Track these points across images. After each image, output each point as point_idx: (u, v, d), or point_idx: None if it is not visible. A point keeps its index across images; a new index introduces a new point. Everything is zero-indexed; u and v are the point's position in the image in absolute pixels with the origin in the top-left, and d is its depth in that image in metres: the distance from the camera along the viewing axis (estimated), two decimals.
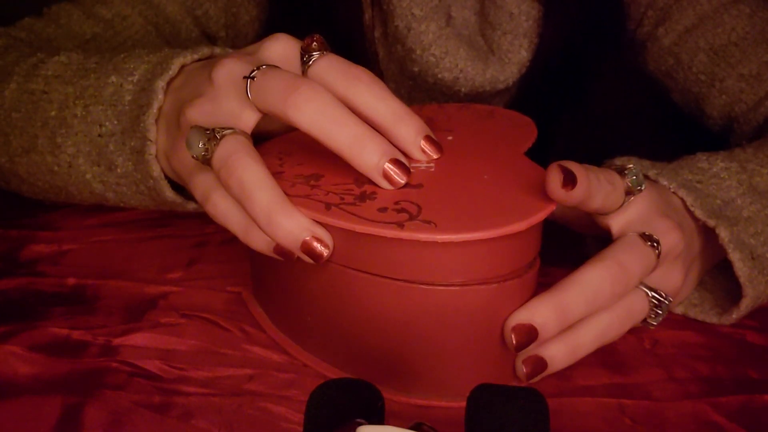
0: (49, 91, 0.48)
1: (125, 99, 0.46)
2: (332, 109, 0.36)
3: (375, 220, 0.34)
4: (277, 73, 0.37)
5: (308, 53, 0.39)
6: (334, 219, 0.34)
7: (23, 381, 0.37)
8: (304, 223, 0.35)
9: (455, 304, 0.35)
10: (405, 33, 0.58)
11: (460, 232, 0.33)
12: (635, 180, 0.38)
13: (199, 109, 0.39)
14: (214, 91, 0.39)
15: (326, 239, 0.35)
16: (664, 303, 0.39)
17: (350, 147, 0.36)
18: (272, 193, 0.35)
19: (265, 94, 0.37)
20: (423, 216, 0.34)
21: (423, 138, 0.38)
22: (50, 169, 0.49)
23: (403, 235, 0.33)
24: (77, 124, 0.47)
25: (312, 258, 0.35)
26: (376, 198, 0.35)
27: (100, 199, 0.50)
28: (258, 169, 0.36)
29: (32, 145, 0.48)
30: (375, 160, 0.36)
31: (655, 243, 0.38)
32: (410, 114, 0.38)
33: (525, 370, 0.36)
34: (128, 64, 0.47)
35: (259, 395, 0.37)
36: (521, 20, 0.59)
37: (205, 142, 0.37)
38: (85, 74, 0.48)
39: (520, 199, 0.35)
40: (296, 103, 0.36)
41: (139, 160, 0.45)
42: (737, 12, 0.58)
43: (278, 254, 0.37)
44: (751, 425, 0.36)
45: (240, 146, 0.36)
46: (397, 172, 0.36)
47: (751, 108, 0.57)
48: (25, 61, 0.51)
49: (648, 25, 0.63)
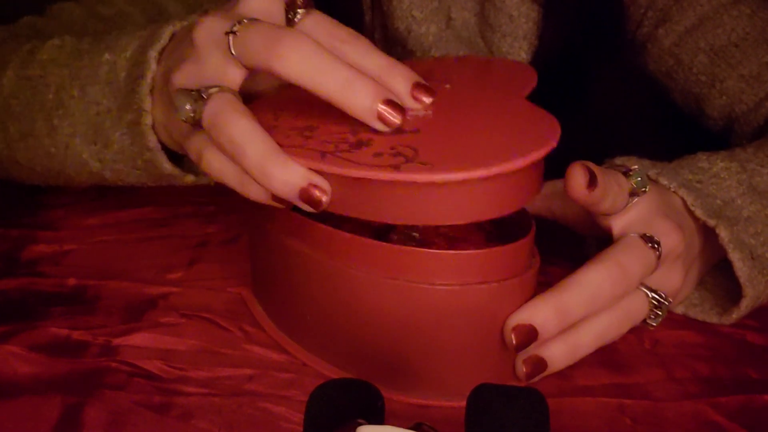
0: (46, 75, 0.48)
1: (120, 75, 0.45)
2: (319, 56, 0.35)
3: (371, 164, 0.33)
4: (259, 26, 0.36)
5: (293, 10, 0.38)
6: (329, 166, 0.33)
7: (23, 381, 0.37)
8: (299, 171, 0.34)
9: (456, 303, 0.35)
10: (405, 35, 0.58)
11: (458, 171, 0.32)
12: (640, 181, 0.39)
13: (184, 71, 0.39)
14: (196, 51, 0.38)
15: (324, 185, 0.34)
16: (663, 303, 0.39)
17: (341, 92, 0.35)
18: (264, 145, 0.34)
19: (248, 49, 0.36)
20: (420, 158, 0.33)
21: (413, 85, 0.37)
22: (47, 151, 0.48)
23: (399, 176, 0.32)
24: (74, 105, 0.47)
25: (311, 205, 0.34)
26: (372, 144, 0.34)
27: (98, 179, 0.50)
28: (247, 122, 0.35)
29: (30, 129, 0.48)
30: (368, 102, 0.35)
31: (655, 244, 0.38)
32: (398, 65, 0.38)
33: (525, 370, 0.36)
34: (121, 41, 0.47)
35: (259, 395, 0.37)
36: (521, 22, 0.59)
37: (191, 103, 0.36)
38: (79, 55, 0.48)
39: (519, 138, 0.34)
40: (281, 54, 0.35)
41: (136, 132, 0.44)
42: (737, 13, 0.58)
43: (277, 201, 0.36)
44: (751, 425, 0.36)
45: (227, 103, 0.36)
46: (391, 113, 0.35)
47: (751, 108, 0.57)
48: (20, 48, 0.51)
49: (648, 26, 0.62)
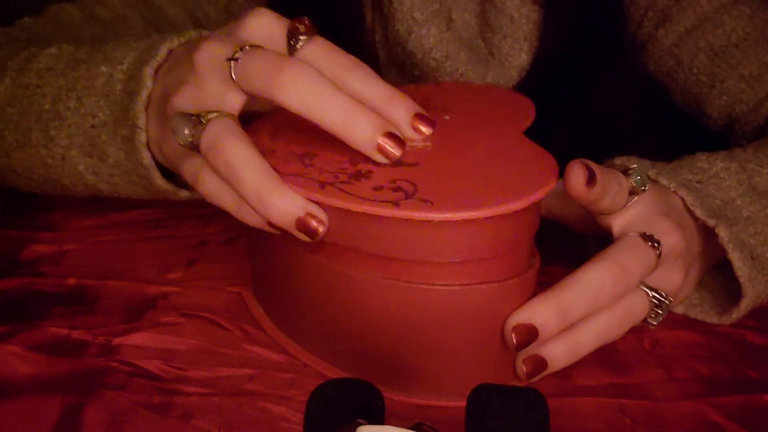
0: (42, 84, 0.48)
1: (116, 88, 0.45)
2: (320, 87, 0.35)
3: (370, 199, 0.33)
4: (261, 54, 0.36)
5: (295, 37, 0.38)
6: (328, 198, 0.33)
7: (23, 381, 0.37)
8: (296, 200, 0.34)
9: (455, 303, 0.35)
10: (406, 37, 0.58)
11: (458, 210, 0.32)
12: (639, 180, 0.39)
13: (184, 95, 0.39)
14: (197, 76, 0.38)
15: (321, 216, 0.34)
16: (664, 303, 0.39)
17: (342, 124, 0.35)
18: (261, 172, 0.34)
19: (250, 76, 0.36)
20: (419, 195, 0.33)
21: (414, 116, 0.38)
22: (44, 162, 0.48)
23: (399, 213, 0.32)
24: (70, 116, 0.47)
25: (308, 235, 0.34)
26: (371, 176, 0.35)
27: (94, 191, 0.50)
28: (245, 148, 0.35)
29: (26, 139, 0.48)
30: (368, 134, 0.35)
31: (655, 243, 0.38)
32: (399, 95, 0.38)
33: (525, 370, 0.36)
34: (117, 53, 0.46)
35: (259, 395, 0.37)
36: (521, 23, 0.59)
37: (190, 128, 0.36)
38: (75, 65, 0.48)
39: (518, 177, 0.35)
40: (283, 84, 0.35)
41: (130, 148, 0.44)
42: (737, 13, 0.58)
43: (273, 228, 0.36)
44: (751, 425, 0.36)
45: (226, 128, 0.36)
46: (392, 146, 0.35)
47: (751, 109, 0.57)
48: (17, 55, 0.51)
49: (648, 26, 0.63)
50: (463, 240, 0.34)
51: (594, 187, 0.35)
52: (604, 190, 0.36)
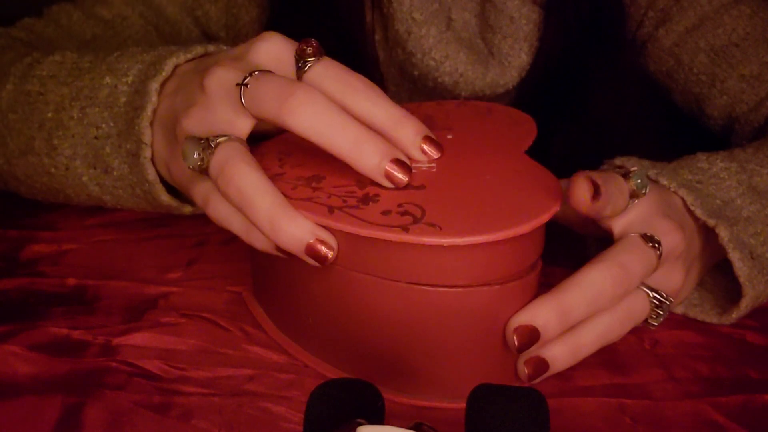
0: (45, 92, 0.48)
1: (120, 101, 0.45)
2: (329, 113, 0.36)
3: (379, 224, 0.34)
4: (270, 79, 0.37)
5: (303, 59, 0.38)
6: (337, 223, 0.34)
7: (23, 381, 0.37)
8: (307, 226, 0.35)
9: (457, 305, 0.35)
10: (405, 37, 0.58)
11: (465, 235, 0.33)
12: (640, 183, 0.39)
13: (194, 118, 0.39)
14: (207, 100, 0.39)
15: (330, 241, 0.35)
16: (665, 303, 0.39)
17: (350, 150, 0.36)
18: (272, 198, 0.35)
19: (259, 101, 0.37)
20: (427, 219, 0.34)
21: (422, 139, 0.38)
22: (47, 171, 0.49)
23: (408, 238, 0.33)
24: (74, 126, 0.47)
25: (317, 261, 0.35)
26: (379, 200, 0.35)
27: (97, 202, 0.50)
28: (255, 175, 0.36)
29: (29, 147, 0.48)
30: (376, 161, 0.36)
31: (656, 244, 0.38)
32: (408, 116, 0.38)
33: (527, 371, 0.36)
34: (122, 64, 0.47)
35: (259, 395, 0.37)
36: (521, 24, 0.59)
37: (200, 152, 0.37)
38: (79, 74, 0.48)
39: (523, 200, 0.35)
40: (292, 109, 0.36)
41: (135, 163, 0.45)
42: (738, 12, 0.58)
43: (282, 253, 0.37)
44: (752, 425, 0.36)
45: (235, 153, 0.36)
46: (398, 171, 0.36)
47: (752, 108, 0.57)
48: (21, 61, 0.51)
49: (648, 26, 0.63)
50: (470, 263, 0.34)
51: (599, 199, 0.35)
52: (608, 200, 0.36)
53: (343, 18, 0.60)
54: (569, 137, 0.60)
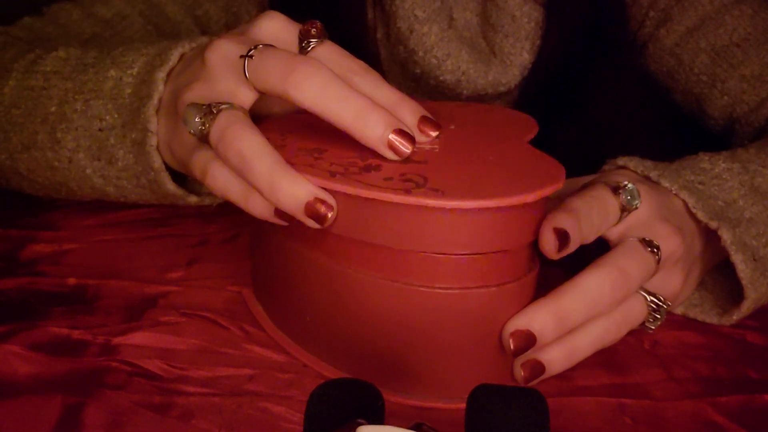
0: (48, 87, 0.48)
1: (125, 92, 0.45)
2: (333, 86, 0.36)
3: (381, 186, 0.33)
4: (275, 52, 0.37)
5: (307, 39, 0.39)
6: (339, 185, 0.34)
7: (23, 381, 0.37)
8: (306, 186, 0.34)
9: (455, 307, 0.35)
10: (407, 35, 0.58)
11: (469, 198, 0.32)
12: (629, 200, 0.38)
13: (195, 91, 0.39)
14: (209, 72, 0.39)
15: (330, 201, 0.35)
16: (662, 307, 0.39)
17: (354, 121, 0.36)
18: (272, 159, 0.35)
19: (264, 74, 0.37)
20: (430, 185, 0.33)
21: (420, 119, 0.38)
22: (50, 164, 0.48)
23: (411, 200, 0.32)
24: (77, 118, 0.47)
25: (316, 220, 0.35)
26: (381, 169, 0.35)
27: (100, 194, 0.50)
28: (256, 138, 0.35)
29: (32, 141, 0.48)
30: (380, 131, 0.36)
31: (655, 248, 0.38)
32: (405, 99, 0.38)
33: (523, 374, 0.36)
34: (127, 57, 0.47)
35: (259, 395, 0.37)
36: (523, 22, 0.59)
37: (201, 116, 0.37)
38: (83, 69, 0.48)
39: (526, 176, 0.35)
40: (297, 82, 0.36)
41: (140, 151, 0.45)
42: (739, 13, 0.58)
43: (279, 217, 0.36)
44: (752, 425, 0.36)
45: (237, 119, 0.36)
46: (402, 142, 0.36)
47: (752, 109, 0.57)
48: (23, 57, 0.51)
49: (649, 26, 0.62)
50: (472, 231, 0.34)
51: (567, 248, 0.35)
52: (583, 237, 0.36)
53: (345, 15, 0.60)
54: (570, 136, 0.60)
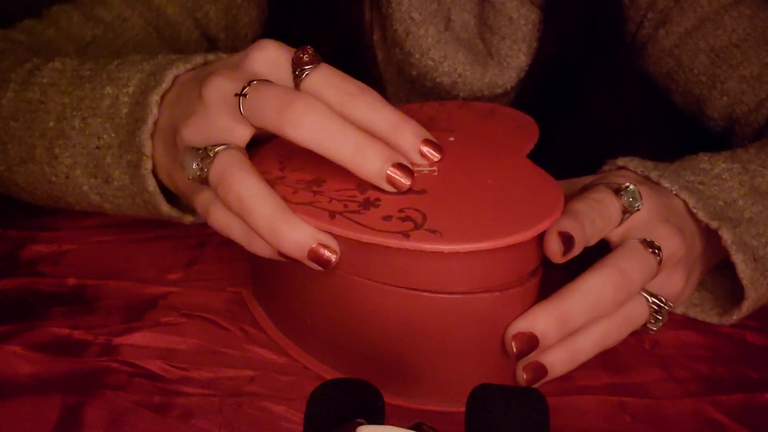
0: (46, 101, 0.48)
1: (122, 112, 0.45)
2: (329, 122, 0.36)
3: (380, 230, 0.33)
4: (269, 89, 0.37)
5: (300, 67, 0.38)
6: (339, 228, 0.34)
7: (23, 381, 0.37)
8: (308, 231, 0.35)
9: (458, 311, 0.35)
10: (404, 37, 0.58)
11: (465, 242, 0.33)
12: (631, 201, 0.38)
13: (192, 128, 0.39)
14: (206, 109, 0.39)
15: (332, 245, 0.35)
16: (664, 308, 0.39)
17: (352, 157, 0.36)
18: (272, 204, 0.35)
19: (259, 112, 0.37)
20: (428, 225, 0.34)
21: (422, 142, 0.38)
22: (48, 179, 0.49)
23: (409, 245, 0.33)
24: (75, 135, 0.47)
25: (320, 265, 0.35)
26: (379, 205, 0.35)
27: (98, 209, 0.50)
28: (254, 181, 0.36)
29: (30, 155, 0.48)
30: (377, 166, 0.36)
31: (656, 249, 0.38)
32: (407, 120, 0.38)
33: (525, 377, 0.36)
34: (123, 73, 0.46)
35: (259, 396, 0.37)
36: (520, 24, 0.59)
37: (198, 162, 0.37)
38: (80, 83, 0.48)
39: (524, 207, 0.35)
40: (292, 120, 0.36)
41: (135, 174, 0.45)
42: (738, 13, 0.58)
43: (284, 258, 0.36)
44: (752, 423, 0.36)
45: (234, 161, 0.36)
46: (401, 176, 0.36)
47: (752, 109, 0.57)
48: (21, 66, 0.51)
49: (648, 27, 0.63)
50: (471, 270, 0.34)
51: (572, 251, 0.35)
52: (587, 240, 0.36)
53: (342, 18, 0.60)
54: (568, 137, 0.60)
